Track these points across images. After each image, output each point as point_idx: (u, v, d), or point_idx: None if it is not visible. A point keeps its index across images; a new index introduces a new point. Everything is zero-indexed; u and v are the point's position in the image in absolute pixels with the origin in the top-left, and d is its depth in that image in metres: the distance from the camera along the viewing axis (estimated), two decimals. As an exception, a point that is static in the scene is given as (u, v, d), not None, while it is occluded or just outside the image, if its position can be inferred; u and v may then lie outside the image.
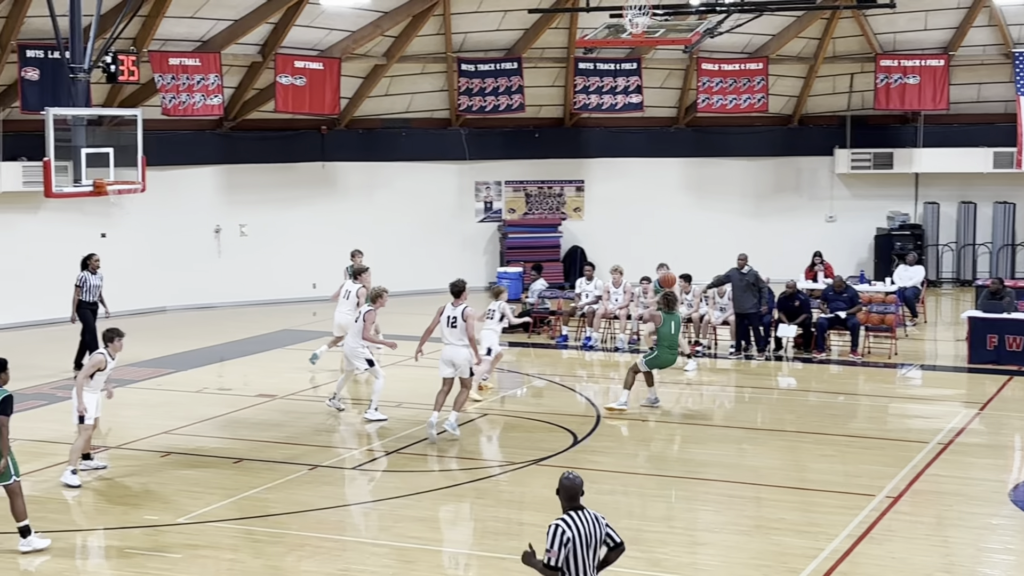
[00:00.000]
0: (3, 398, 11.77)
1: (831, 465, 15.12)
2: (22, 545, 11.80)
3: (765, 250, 29.08)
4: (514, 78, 28.53)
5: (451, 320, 16.07)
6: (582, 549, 8.13)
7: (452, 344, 16.01)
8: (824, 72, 30.23)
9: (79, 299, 20.35)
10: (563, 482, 8.31)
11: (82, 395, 13.95)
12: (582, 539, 8.13)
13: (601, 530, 8.27)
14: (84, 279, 20.46)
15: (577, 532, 8.12)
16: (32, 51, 22.90)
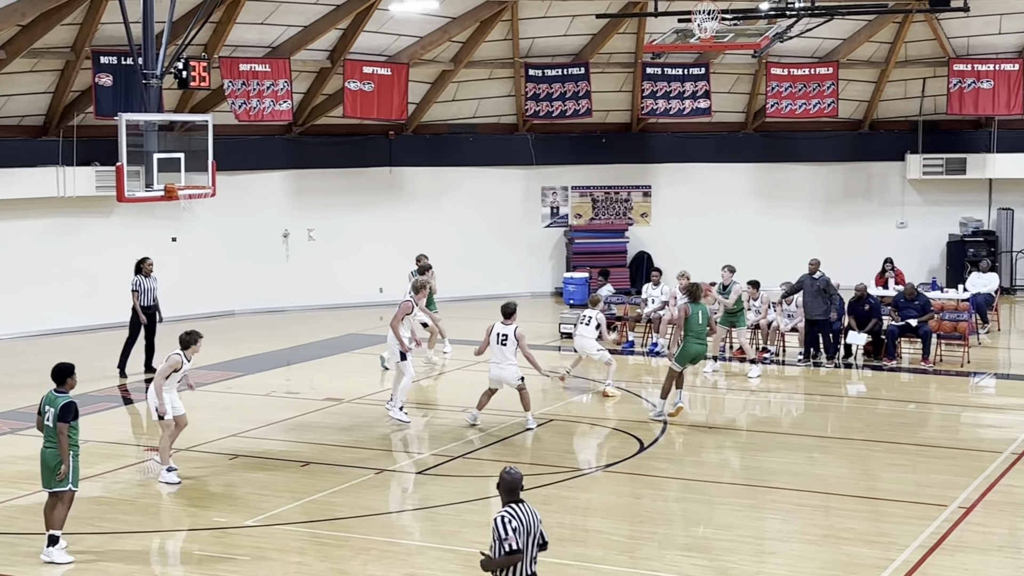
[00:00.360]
0: (64, 404, 11.79)
1: (902, 474, 14.92)
2: (44, 555, 11.79)
3: (835, 257, 28.73)
4: (581, 83, 28.48)
5: (501, 338, 16.63)
6: (526, 538, 8.47)
7: (499, 363, 16.67)
8: (895, 76, 29.87)
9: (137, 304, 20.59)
10: (504, 477, 8.66)
11: (161, 395, 14.20)
12: (524, 528, 8.48)
13: (538, 525, 8.61)
14: (139, 283, 20.70)
15: (521, 522, 8.48)
16: (106, 57, 23.21)
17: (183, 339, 14.63)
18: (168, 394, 14.45)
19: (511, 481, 8.64)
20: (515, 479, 8.66)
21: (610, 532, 12.71)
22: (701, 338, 17.14)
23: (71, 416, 11.78)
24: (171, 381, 14.50)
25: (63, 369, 12.13)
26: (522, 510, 8.55)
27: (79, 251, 24.96)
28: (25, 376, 20.54)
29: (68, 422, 11.74)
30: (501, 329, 16.69)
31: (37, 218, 24.47)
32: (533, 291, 29.98)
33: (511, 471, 8.69)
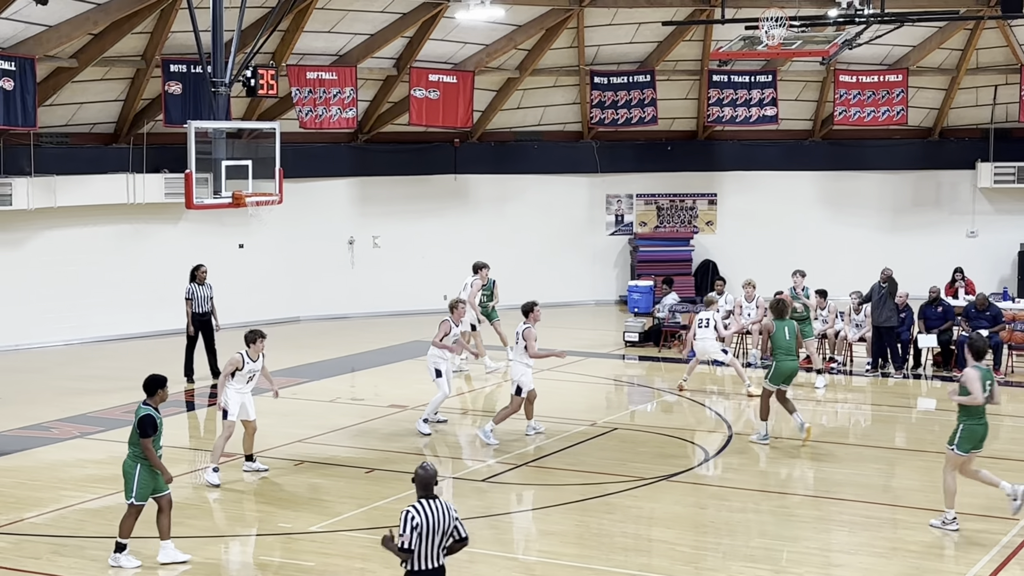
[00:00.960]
0: (141, 417, 11.75)
1: (972, 487, 14.63)
2: (112, 559, 11.86)
3: (904, 266, 28.31)
4: (647, 91, 28.39)
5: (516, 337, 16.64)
6: (429, 535, 8.82)
7: (512, 360, 16.66)
8: (966, 84, 29.49)
9: (191, 311, 20.76)
10: (418, 472, 9.01)
11: (221, 392, 14.46)
12: (430, 525, 8.82)
13: (450, 521, 8.92)
14: (192, 291, 20.86)
15: (425, 519, 8.82)
16: (175, 65, 23.48)
17: (246, 337, 14.83)
18: (237, 394, 14.56)
19: (425, 477, 8.96)
20: (429, 474, 8.97)
21: (675, 542, 12.62)
22: (791, 354, 16.52)
23: (150, 430, 11.70)
24: (238, 380, 14.60)
25: (153, 381, 12.02)
26: (432, 506, 8.88)
27: (148, 257, 25.26)
28: (94, 381, 20.85)
29: (148, 437, 11.68)
30: (518, 328, 16.65)
31: (107, 224, 24.80)
32: (597, 299, 29.90)
33: (426, 466, 9.03)
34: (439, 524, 8.88)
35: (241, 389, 14.71)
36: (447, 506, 8.99)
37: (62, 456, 16.04)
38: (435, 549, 8.90)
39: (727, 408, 19.37)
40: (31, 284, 23.89)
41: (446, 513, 8.94)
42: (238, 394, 14.64)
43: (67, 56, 22.48)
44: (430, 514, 8.87)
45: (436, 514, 8.89)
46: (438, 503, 8.96)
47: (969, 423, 13.03)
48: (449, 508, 8.99)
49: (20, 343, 23.65)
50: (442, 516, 8.91)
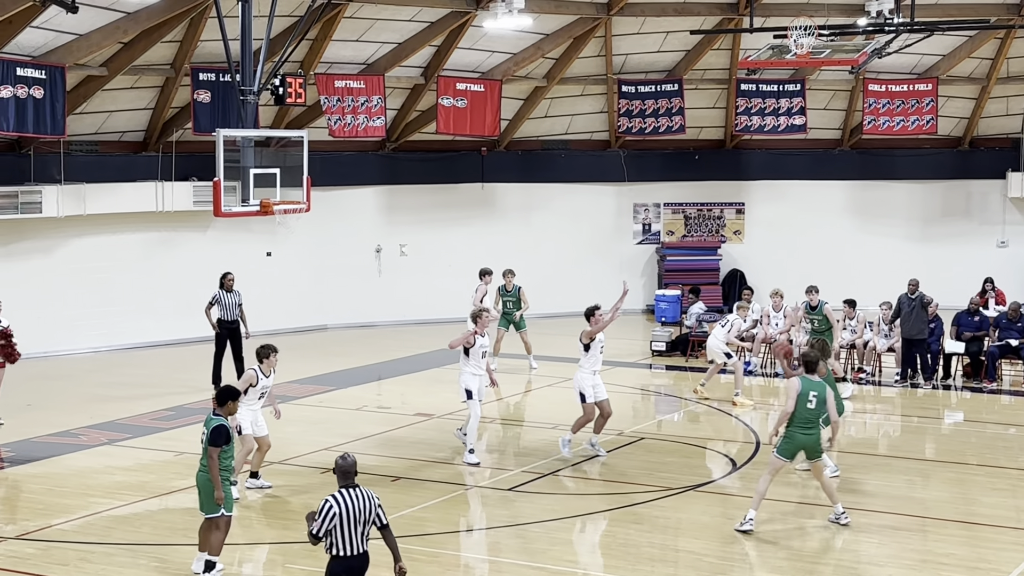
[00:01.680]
0: (215, 427, 11.59)
1: (1003, 499, 14.57)
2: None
3: (933, 276, 28.20)
4: (675, 99, 28.32)
5: None
6: (349, 523, 9.19)
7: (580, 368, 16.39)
8: (997, 93, 29.31)
9: (219, 317, 20.75)
10: (338, 462, 9.41)
11: None
12: (349, 514, 9.19)
13: (371, 509, 9.29)
14: (218, 297, 20.84)
15: (344, 508, 9.18)
16: (204, 74, 23.58)
17: (258, 352, 14.47)
18: (248, 411, 14.28)
19: (345, 467, 9.39)
20: (348, 464, 9.41)
21: (702, 553, 12.56)
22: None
23: (222, 440, 11.55)
24: (250, 396, 14.31)
25: (227, 392, 11.94)
26: (352, 495, 9.27)
27: (177, 265, 25.35)
28: (122, 388, 20.93)
29: (219, 446, 11.52)
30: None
31: (137, 232, 24.91)
32: (624, 308, 29.77)
33: (346, 456, 9.46)
34: (359, 512, 9.23)
35: (252, 405, 14.42)
36: (368, 494, 9.34)
37: (90, 463, 16.10)
38: (357, 536, 9.24)
39: (754, 418, 19.28)
40: (60, 291, 24.01)
41: (367, 501, 9.29)
42: (250, 410, 14.33)
43: (97, 65, 22.61)
44: (350, 503, 9.22)
45: (356, 503, 9.24)
46: (358, 492, 9.30)
47: (791, 430, 13.05)
48: (370, 496, 9.34)
49: (49, 350, 23.76)
50: (362, 504, 9.26)
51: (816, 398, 12.96)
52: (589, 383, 16.10)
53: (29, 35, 20.74)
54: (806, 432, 13.01)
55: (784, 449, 13.16)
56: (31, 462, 16.13)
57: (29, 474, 15.59)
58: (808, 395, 12.96)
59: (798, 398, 12.95)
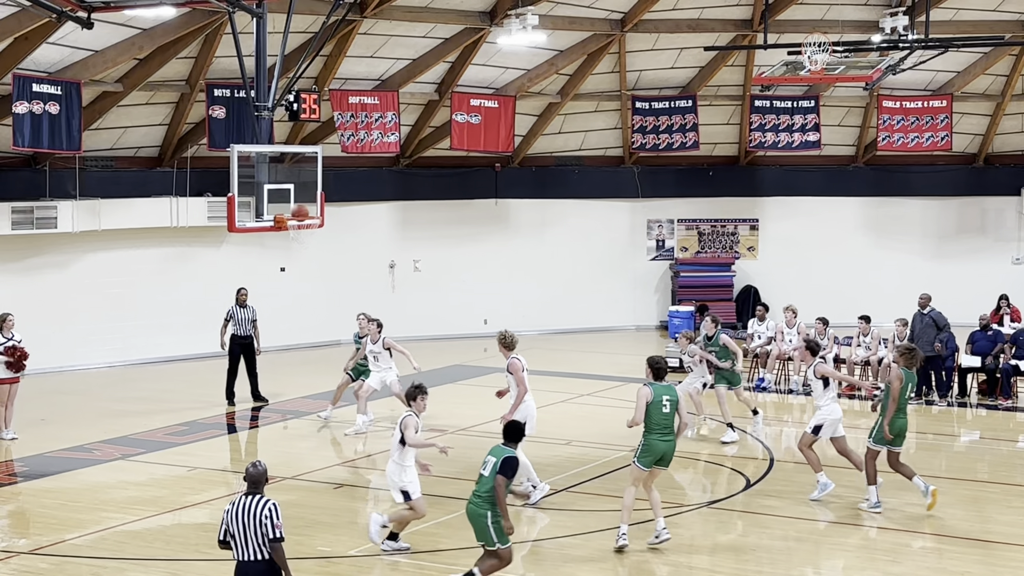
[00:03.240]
0: (505, 458, 11.40)
1: (1019, 517, 14.48)
2: None
3: (947, 293, 28.10)
4: (688, 116, 28.34)
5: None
6: (237, 529, 9.48)
7: None
8: (1012, 109, 29.26)
9: (233, 332, 20.81)
10: (247, 468, 9.70)
11: (401, 469, 12.73)
12: (236, 520, 9.47)
13: (257, 520, 9.42)
14: (232, 312, 20.90)
15: (232, 513, 9.53)
16: (219, 90, 23.66)
17: (408, 395, 13.05)
18: (412, 470, 12.83)
19: (253, 473, 9.66)
20: (257, 472, 9.66)
21: (715, 570, 12.51)
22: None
23: (511, 472, 11.40)
24: (407, 455, 12.76)
25: (517, 430, 11.79)
26: (244, 503, 9.50)
27: (191, 280, 25.41)
28: (136, 403, 20.96)
29: (509, 477, 11.39)
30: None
31: (151, 247, 24.98)
32: (638, 324, 29.80)
33: (256, 464, 9.73)
34: (244, 520, 9.44)
35: (411, 463, 12.88)
36: (263, 505, 9.45)
37: (104, 478, 16.11)
38: (247, 544, 9.45)
39: (768, 435, 19.20)
40: (75, 306, 24.08)
41: (255, 511, 9.43)
42: (413, 470, 12.81)
43: (112, 80, 22.71)
44: (239, 510, 9.48)
45: (242, 511, 9.46)
46: (251, 500, 9.48)
47: (649, 438, 12.94)
48: (264, 507, 9.44)
49: (64, 365, 23.82)
50: (246, 514, 9.44)
51: (670, 402, 12.97)
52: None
53: (45, 51, 20.85)
54: (664, 439, 12.96)
55: (644, 459, 13.01)
56: (45, 476, 16.15)
57: (43, 489, 15.61)
58: (662, 400, 12.91)
59: (650, 405, 12.88)
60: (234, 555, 9.56)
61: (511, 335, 15.38)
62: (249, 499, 9.52)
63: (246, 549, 9.46)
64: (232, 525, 9.50)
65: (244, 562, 9.49)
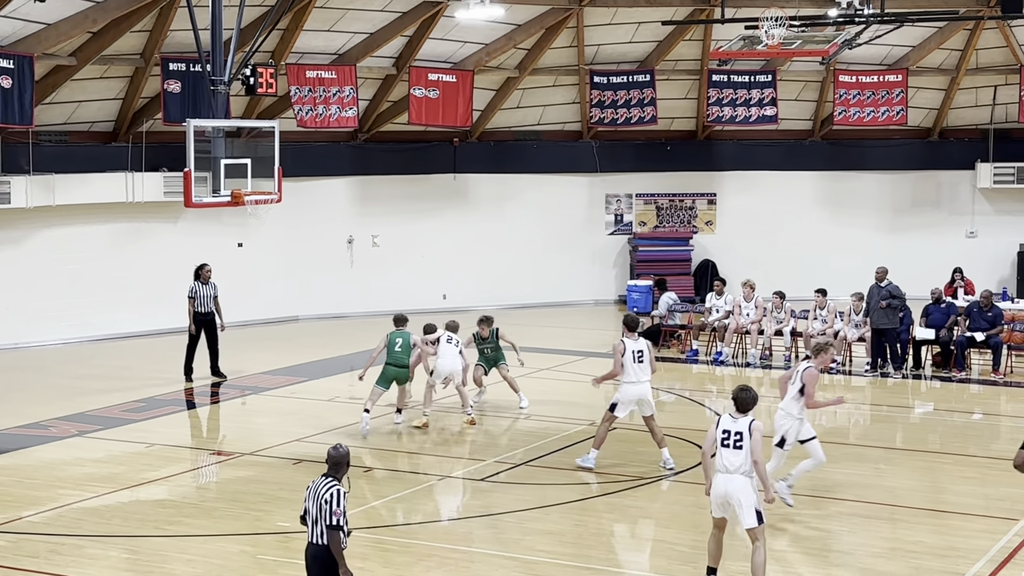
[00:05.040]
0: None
1: (971, 487, 14.67)
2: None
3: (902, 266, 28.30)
4: (646, 90, 28.37)
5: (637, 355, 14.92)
6: (309, 507, 9.35)
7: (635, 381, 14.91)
8: (966, 84, 29.48)
9: (193, 310, 20.63)
10: (329, 451, 9.54)
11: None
12: (309, 500, 9.37)
13: (318, 501, 9.26)
14: (195, 289, 20.76)
15: (309, 493, 9.41)
16: (174, 64, 23.46)
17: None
18: None
19: (334, 456, 9.49)
20: (337, 455, 9.49)
21: (673, 542, 12.60)
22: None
23: None
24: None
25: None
26: (318, 484, 9.37)
27: (147, 256, 25.24)
28: (92, 380, 20.82)
29: None
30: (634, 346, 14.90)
31: (106, 223, 24.78)
32: (596, 299, 29.88)
33: (337, 447, 9.56)
34: (312, 502, 9.31)
35: None
36: (327, 489, 9.26)
37: (60, 455, 16.01)
38: (315, 526, 9.30)
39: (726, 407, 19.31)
40: (30, 283, 23.87)
41: (320, 494, 9.26)
42: None
43: (66, 54, 22.46)
44: (312, 490, 9.35)
45: (314, 492, 9.31)
46: (323, 482, 9.31)
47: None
48: (327, 491, 9.23)
49: (19, 341, 23.63)
50: (316, 495, 9.28)
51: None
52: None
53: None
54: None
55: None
56: (1, 454, 16.03)
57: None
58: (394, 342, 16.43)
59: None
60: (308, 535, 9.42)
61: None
62: (322, 481, 9.34)
63: (314, 531, 9.29)
64: (308, 503, 9.36)
65: (310, 543, 9.33)
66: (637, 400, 14.93)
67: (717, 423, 11.20)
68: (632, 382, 14.85)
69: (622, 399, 14.93)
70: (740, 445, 10.92)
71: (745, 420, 11.05)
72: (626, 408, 14.99)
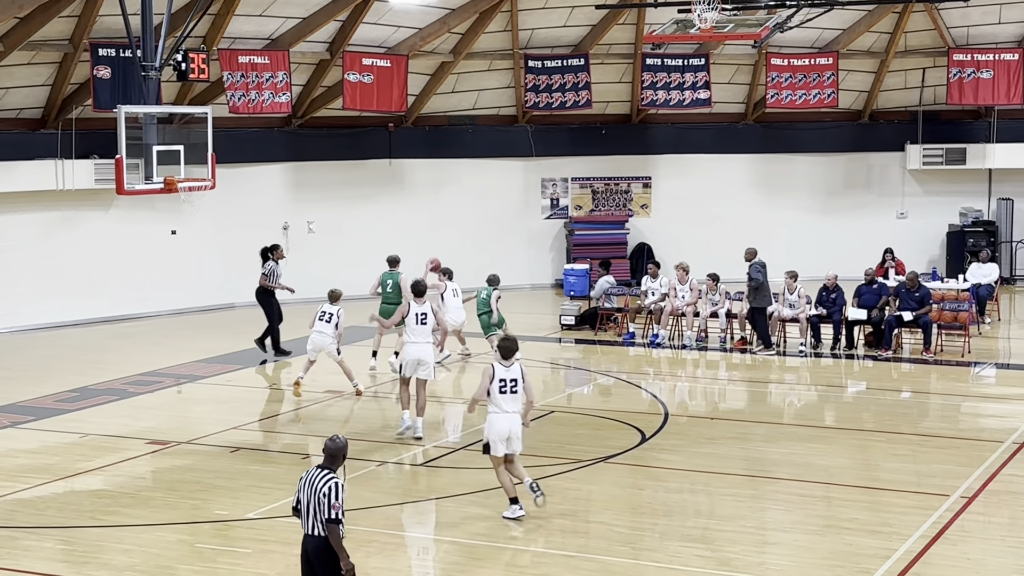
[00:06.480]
0: None
1: (903, 464, 14.92)
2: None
3: (835, 247, 28.79)
4: (581, 74, 28.43)
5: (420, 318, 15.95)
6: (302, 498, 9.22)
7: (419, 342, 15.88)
8: (895, 67, 29.83)
9: (270, 286, 21.80)
10: (326, 442, 9.44)
11: None
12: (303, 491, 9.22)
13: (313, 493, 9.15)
14: (272, 269, 21.81)
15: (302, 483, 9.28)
16: (104, 49, 23.17)
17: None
18: None
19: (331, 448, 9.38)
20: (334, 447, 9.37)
21: (612, 523, 12.70)
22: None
23: None
24: None
25: None
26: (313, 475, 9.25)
27: (78, 244, 24.93)
28: (24, 370, 20.57)
29: None
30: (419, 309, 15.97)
31: (36, 211, 24.44)
32: (533, 283, 29.95)
33: (335, 438, 9.46)
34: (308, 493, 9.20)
35: None
36: (324, 482, 9.14)
37: (-7, 446, 15.82)
38: (308, 517, 9.19)
39: (663, 389, 19.50)
40: (-42, 272, 23.51)
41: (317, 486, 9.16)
42: None
43: (-8, 40, 22.11)
44: (307, 481, 9.24)
45: (309, 483, 9.21)
46: (319, 474, 9.22)
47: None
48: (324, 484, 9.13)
49: (-52, 332, 23.29)
50: (311, 487, 9.19)
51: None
52: None
53: (-79, 10, 20.22)
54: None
55: None
56: (-69, 447, 15.81)
57: (-71, 459, 15.28)
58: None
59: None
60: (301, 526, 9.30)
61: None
62: (318, 472, 9.24)
63: (307, 522, 9.19)
64: (300, 494, 9.26)
65: (306, 535, 9.25)
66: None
67: (492, 375, 12.59)
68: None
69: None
70: (516, 390, 12.63)
71: (516, 367, 12.67)
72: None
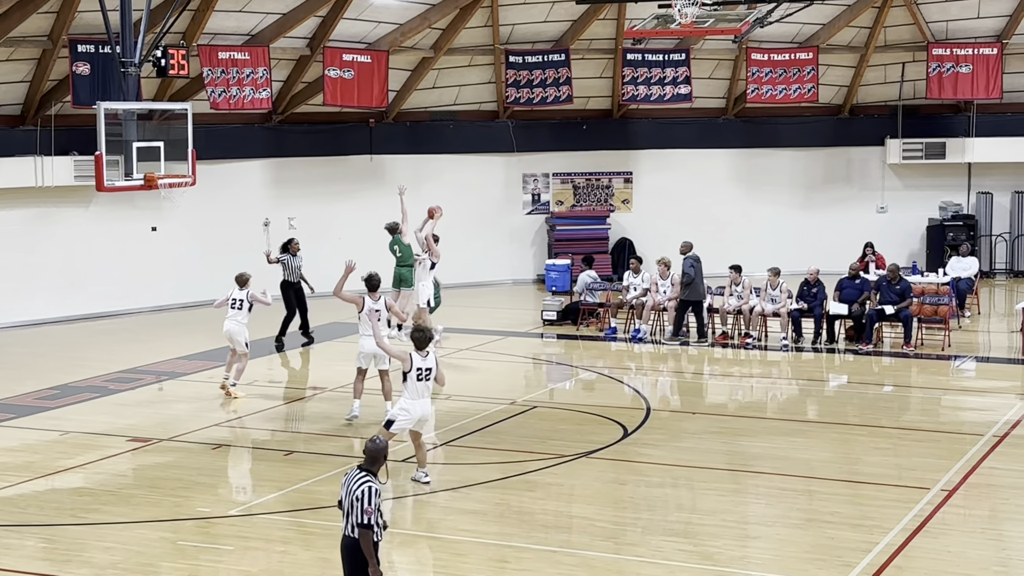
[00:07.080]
0: None
1: (884, 458, 14.97)
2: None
3: (815, 241, 28.89)
4: (562, 70, 28.44)
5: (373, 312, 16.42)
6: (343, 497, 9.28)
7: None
8: (875, 61, 29.91)
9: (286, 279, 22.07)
10: (366, 444, 9.53)
11: None
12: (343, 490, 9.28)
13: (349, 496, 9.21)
14: (287, 261, 22.02)
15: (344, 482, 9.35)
16: (83, 46, 23.06)
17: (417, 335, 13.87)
18: None
19: (371, 449, 9.43)
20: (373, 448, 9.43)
21: (594, 518, 12.72)
22: None
23: None
24: None
25: None
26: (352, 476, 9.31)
27: (58, 241, 24.82)
28: (4, 368, 20.47)
29: None
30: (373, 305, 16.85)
31: (15, 208, 24.31)
32: (515, 278, 29.96)
33: (375, 440, 9.55)
34: (345, 494, 9.25)
35: None
36: (359, 486, 9.17)
37: (-27, 444, 15.75)
38: (347, 517, 9.23)
39: (644, 384, 19.54)
40: (-63, 270, 23.38)
41: (352, 488, 9.20)
42: None
43: (-30, 37, 21.99)
44: (346, 481, 9.30)
45: (347, 484, 9.26)
46: (356, 476, 9.25)
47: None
48: (359, 487, 9.14)
49: (-73, 330, 23.16)
50: (348, 488, 9.23)
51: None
52: None
53: (-102, 6, 20.10)
54: None
55: None
56: (-89, 445, 15.74)
57: (-91, 458, 15.21)
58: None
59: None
60: None
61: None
62: (357, 473, 9.26)
63: (346, 522, 9.24)
64: (342, 493, 9.29)
65: (344, 535, 9.29)
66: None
67: (411, 365, 13.52)
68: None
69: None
70: (429, 378, 13.61)
71: (431, 356, 13.64)
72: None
